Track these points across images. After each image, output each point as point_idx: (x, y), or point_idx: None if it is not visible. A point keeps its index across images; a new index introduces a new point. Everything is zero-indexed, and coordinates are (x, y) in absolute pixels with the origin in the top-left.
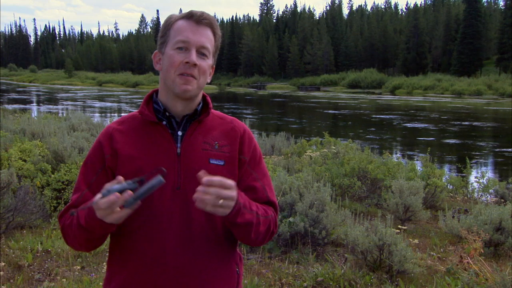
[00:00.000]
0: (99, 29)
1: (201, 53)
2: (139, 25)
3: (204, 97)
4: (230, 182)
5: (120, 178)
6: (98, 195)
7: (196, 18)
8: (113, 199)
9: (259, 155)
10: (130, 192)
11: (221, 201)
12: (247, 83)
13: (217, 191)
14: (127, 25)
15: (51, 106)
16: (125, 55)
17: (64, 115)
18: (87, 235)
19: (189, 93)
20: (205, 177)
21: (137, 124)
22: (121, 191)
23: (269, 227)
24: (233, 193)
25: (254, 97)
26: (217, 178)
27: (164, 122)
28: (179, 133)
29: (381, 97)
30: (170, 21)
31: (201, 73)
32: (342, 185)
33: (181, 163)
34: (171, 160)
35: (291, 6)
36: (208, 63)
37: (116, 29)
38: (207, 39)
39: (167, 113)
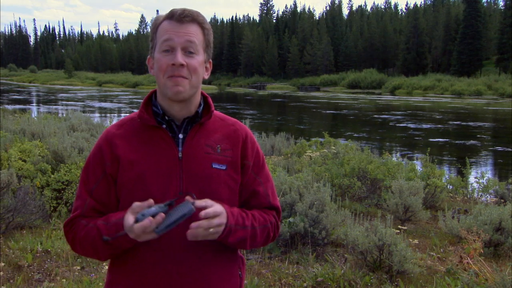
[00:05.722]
0: (99, 29)
1: (188, 51)
2: (139, 25)
3: (205, 98)
4: (220, 209)
5: (151, 201)
6: (131, 218)
7: (177, 17)
8: (147, 223)
9: (262, 159)
10: (162, 214)
11: (211, 229)
12: (247, 83)
13: (208, 223)
14: (126, 25)
15: (51, 106)
16: (125, 55)
17: (64, 115)
18: (112, 250)
19: (181, 95)
20: (202, 211)
21: (137, 128)
22: (154, 215)
23: (268, 235)
24: (222, 219)
25: (254, 97)
26: (209, 210)
27: (164, 126)
28: (180, 136)
29: (381, 97)
30: (156, 24)
31: (192, 71)
32: (342, 185)
33: (183, 168)
34: (173, 165)
35: (291, 6)
36: (198, 59)
37: (116, 29)
38: (192, 35)
39: (166, 117)
